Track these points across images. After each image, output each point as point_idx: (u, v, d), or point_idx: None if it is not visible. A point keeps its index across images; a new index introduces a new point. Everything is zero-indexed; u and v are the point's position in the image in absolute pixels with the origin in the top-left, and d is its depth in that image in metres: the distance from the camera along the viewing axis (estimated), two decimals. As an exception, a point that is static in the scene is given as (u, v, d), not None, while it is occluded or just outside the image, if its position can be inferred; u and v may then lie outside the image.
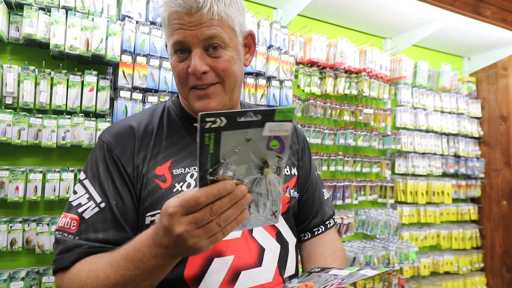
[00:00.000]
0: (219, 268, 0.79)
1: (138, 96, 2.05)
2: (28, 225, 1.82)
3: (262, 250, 0.84)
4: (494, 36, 3.17)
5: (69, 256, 0.75)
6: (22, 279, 1.77)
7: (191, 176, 0.83)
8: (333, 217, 1.06)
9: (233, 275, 0.79)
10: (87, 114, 1.97)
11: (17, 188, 1.80)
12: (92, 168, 0.82)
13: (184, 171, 0.83)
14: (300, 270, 0.96)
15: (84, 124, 1.93)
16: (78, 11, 1.92)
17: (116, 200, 0.80)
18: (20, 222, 1.82)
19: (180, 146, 0.86)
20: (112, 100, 2.09)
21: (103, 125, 1.97)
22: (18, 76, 1.85)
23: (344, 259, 0.97)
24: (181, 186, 0.81)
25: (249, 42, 0.91)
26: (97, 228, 0.77)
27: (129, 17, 2.06)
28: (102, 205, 0.78)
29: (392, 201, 2.95)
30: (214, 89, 0.82)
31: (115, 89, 2.07)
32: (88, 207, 0.78)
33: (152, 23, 2.13)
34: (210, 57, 0.80)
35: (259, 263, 0.82)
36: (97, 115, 2.02)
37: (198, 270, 0.78)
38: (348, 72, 2.79)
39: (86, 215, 0.78)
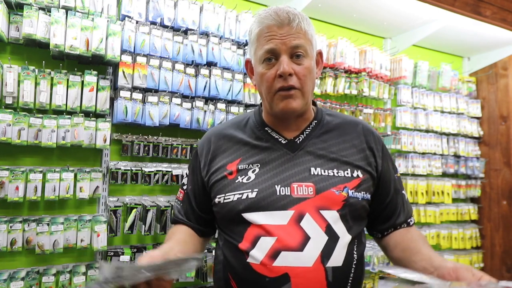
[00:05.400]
0: (264, 245, 0.95)
1: (138, 96, 2.05)
2: (28, 225, 1.83)
3: (307, 238, 0.94)
4: (494, 36, 3.17)
5: (172, 219, 1.21)
6: (22, 279, 1.77)
7: (253, 171, 1.02)
8: (412, 215, 1.18)
9: (274, 253, 0.93)
10: (87, 114, 1.97)
11: (17, 188, 1.80)
12: (190, 163, 1.19)
13: (248, 167, 1.04)
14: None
15: (84, 124, 1.93)
16: (78, 11, 1.92)
17: (192, 185, 1.14)
18: (20, 222, 1.82)
19: (250, 147, 1.07)
20: (112, 100, 2.09)
21: (103, 125, 1.97)
22: (18, 76, 1.85)
23: (429, 244, 1.06)
24: (242, 179, 1.02)
25: (318, 59, 1.10)
26: (184, 201, 1.16)
27: (129, 17, 2.06)
28: (188, 188, 1.16)
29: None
30: (295, 93, 0.99)
31: (115, 89, 2.07)
32: (186, 187, 1.17)
33: (152, 23, 2.13)
34: (294, 63, 0.99)
35: (300, 248, 0.93)
36: (97, 115, 2.02)
37: (249, 244, 0.97)
38: (348, 72, 2.79)
39: (186, 190, 1.17)
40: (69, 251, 1.95)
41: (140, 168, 2.10)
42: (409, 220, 1.14)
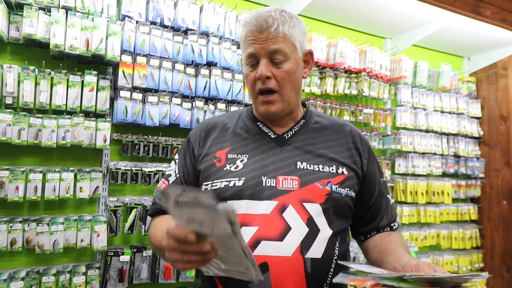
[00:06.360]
0: (244, 235, 0.94)
1: (138, 96, 2.05)
2: (28, 225, 1.83)
3: (288, 228, 0.97)
4: (494, 36, 3.17)
5: (151, 208, 1.16)
6: (22, 279, 1.77)
7: (241, 161, 1.06)
8: (397, 220, 1.20)
9: (254, 242, 0.95)
10: (87, 114, 1.97)
11: (17, 188, 1.80)
12: (180, 151, 1.20)
13: (237, 156, 1.07)
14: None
15: (84, 124, 1.93)
16: (78, 11, 1.92)
17: (184, 172, 1.13)
18: (20, 222, 1.82)
19: (240, 138, 1.11)
20: (112, 100, 2.09)
21: (103, 125, 1.97)
22: (18, 76, 1.85)
23: (407, 248, 1.07)
24: (230, 167, 1.05)
25: (308, 58, 1.13)
26: None
27: (129, 17, 2.06)
28: (178, 175, 1.14)
29: (392, 201, 2.95)
30: (273, 98, 1.05)
31: (115, 89, 2.07)
32: (172, 176, 1.15)
33: (152, 23, 2.13)
34: (274, 67, 1.03)
35: (280, 238, 0.96)
36: (97, 115, 2.02)
37: None
38: (348, 72, 2.79)
39: (170, 181, 1.15)
40: (69, 251, 1.95)
41: (140, 168, 2.10)
42: (392, 224, 1.16)
